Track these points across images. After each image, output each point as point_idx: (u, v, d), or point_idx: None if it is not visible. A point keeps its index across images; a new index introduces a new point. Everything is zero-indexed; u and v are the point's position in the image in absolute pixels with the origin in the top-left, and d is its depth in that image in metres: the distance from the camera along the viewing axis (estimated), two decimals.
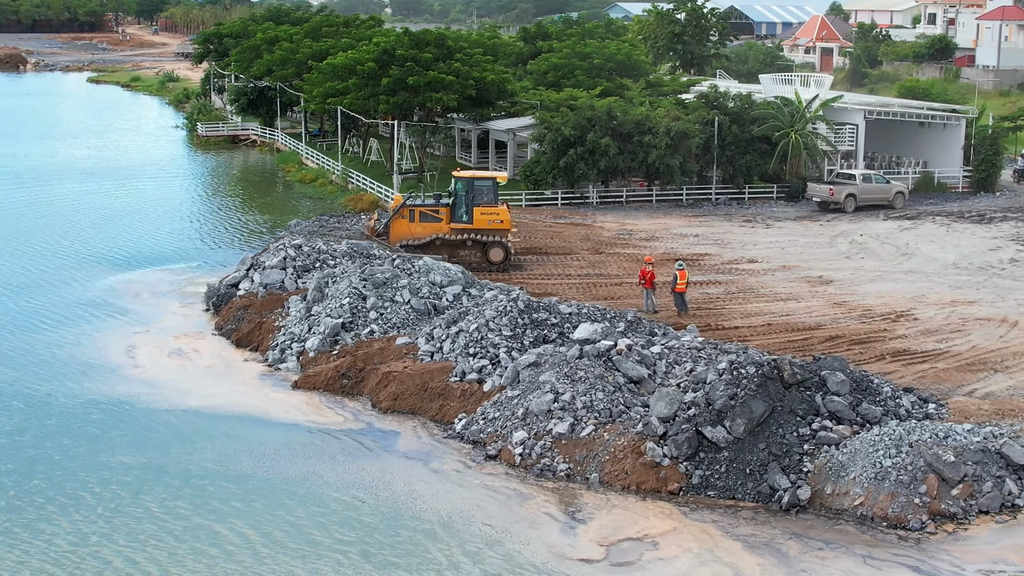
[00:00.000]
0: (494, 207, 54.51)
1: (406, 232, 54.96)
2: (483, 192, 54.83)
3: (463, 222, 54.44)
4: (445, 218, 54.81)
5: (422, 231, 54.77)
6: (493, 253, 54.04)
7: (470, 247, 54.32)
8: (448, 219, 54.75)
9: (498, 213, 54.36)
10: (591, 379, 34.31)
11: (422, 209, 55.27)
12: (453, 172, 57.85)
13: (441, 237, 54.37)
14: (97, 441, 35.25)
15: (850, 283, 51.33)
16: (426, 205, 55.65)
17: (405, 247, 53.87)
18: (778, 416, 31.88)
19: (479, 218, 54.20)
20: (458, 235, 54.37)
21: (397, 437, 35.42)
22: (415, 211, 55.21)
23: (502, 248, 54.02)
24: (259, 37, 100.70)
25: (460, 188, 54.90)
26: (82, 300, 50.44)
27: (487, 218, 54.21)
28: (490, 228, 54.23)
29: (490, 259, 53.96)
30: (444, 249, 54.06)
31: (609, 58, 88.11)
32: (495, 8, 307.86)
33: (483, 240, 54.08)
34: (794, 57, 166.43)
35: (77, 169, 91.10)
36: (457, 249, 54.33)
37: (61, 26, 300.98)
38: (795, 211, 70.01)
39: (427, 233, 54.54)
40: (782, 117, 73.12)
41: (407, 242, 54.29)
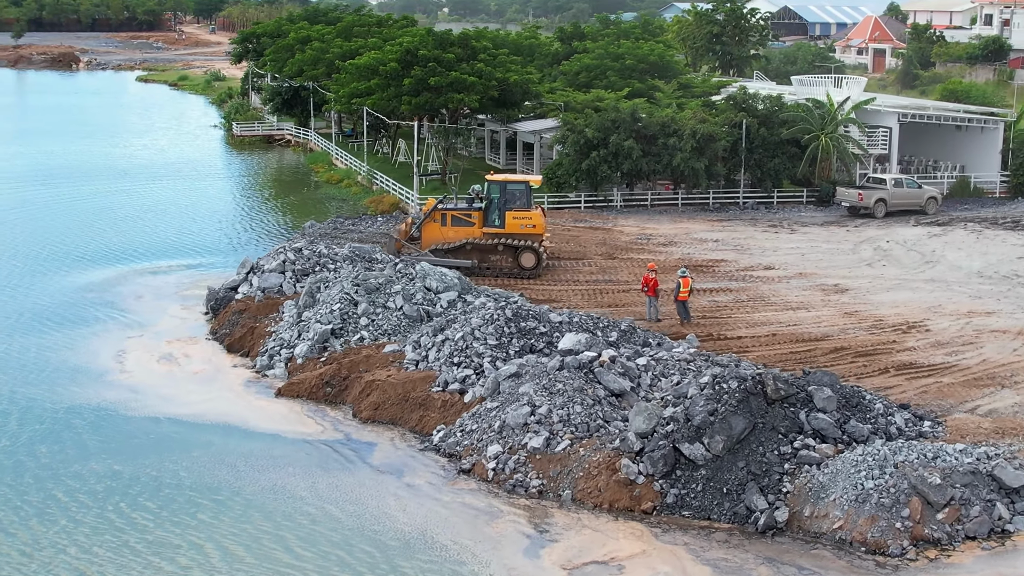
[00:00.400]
0: (527, 211, 53.21)
1: (438, 236, 53.71)
2: (516, 196, 53.54)
3: (495, 226, 53.16)
4: (478, 222, 53.57)
5: (454, 235, 53.49)
6: (524, 258, 52.68)
7: (501, 252, 53.03)
8: (481, 223, 53.53)
9: (531, 217, 53.03)
10: (569, 392, 33.18)
11: (454, 213, 54.04)
12: (486, 176, 56.59)
13: (472, 241, 53.08)
14: (71, 449, 34.58)
15: (866, 292, 49.77)
16: (459, 209, 54.41)
17: (435, 251, 52.72)
18: (759, 433, 30.59)
19: (511, 222, 52.91)
20: (490, 239, 53.03)
21: (373, 449, 34.47)
22: (447, 215, 53.99)
23: (533, 253, 52.62)
24: (292, 37, 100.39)
25: (493, 192, 53.62)
26: (83, 301, 49.96)
27: (520, 222, 52.89)
28: (523, 233, 52.89)
29: (521, 264, 52.63)
30: (475, 254, 52.96)
31: (641, 59, 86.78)
32: (551, 8, 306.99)
33: (515, 245, 52.77)
34: (846, 58, 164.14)
35: (111, 168, 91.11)
36: (488, 254, 53.13)
37: (120, 25, 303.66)
38: (823, 216, 68.40)
39: (459, 237, 53.28)
40: (812, 119, 71.53)
41: (439, 246, 53.06)
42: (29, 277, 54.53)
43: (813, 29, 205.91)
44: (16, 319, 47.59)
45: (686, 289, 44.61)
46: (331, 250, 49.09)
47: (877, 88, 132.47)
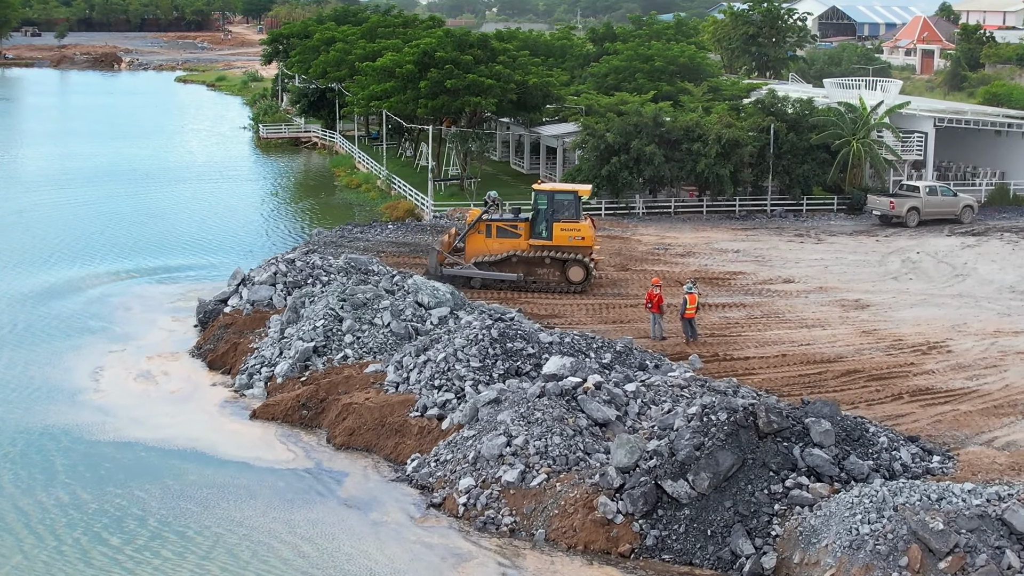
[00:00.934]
0: (576, 223, 50.57)
1: (482, 248, 51.19)
2: (564, 206, 50.85)
3: (542, 238, 50.67)
4: (524, 234, 51.08)
5: (499, 247, 50.97)
6: (573, 272, 50.14)
7: (548, 265, 50.52)
8: (527, 235, 51.11)
9: (579, 229, 50.37)
10: (548, 421, 30.91)
11: (500, 224, 51.53)
12: (533, 185, 53.86)
13: (518, 254, 50.57)
14: (36, 474, 32.65)
15: (888, 308, 47.17)
16: (504, 220, 51.90)
17: (479, 264, 50.47)
18: (748, 470, 28.22)
19: (559, 234, 50.32)
20: (536, 252, 50.54)
21: (344, 480, 32.28)
22: (492, 226, 51.46)
23: (582, 267, 50.09)
24: (316, 38, 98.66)
25: (540, 202, 51.16)
26: (70, 313, 48.25)
27: (568, 234, 50.29)
28: (571, 245, 50.33)
29: (569, 278, 50.14)
30: (521, 267, 50.51)
31: (671, 60, 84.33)
32: (601, 8, 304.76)
33: (562, 258, 50.30)
34: (893, 59, 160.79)
35: (134, 170, 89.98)
36: (535, 267, 50.62)
37: (169, 25, 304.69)
38: (853, 225, 65.74)
39: (504, 249, 50.77)
40: (844, 124, 68.79)
41: (483, 258, 50.68)
42: (19, 285, 52.89)
43: (861, 29, 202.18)
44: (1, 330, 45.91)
45: (692, 306, 42.25)
46: (325, 261, 47.04)
47: (924, 90, 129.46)
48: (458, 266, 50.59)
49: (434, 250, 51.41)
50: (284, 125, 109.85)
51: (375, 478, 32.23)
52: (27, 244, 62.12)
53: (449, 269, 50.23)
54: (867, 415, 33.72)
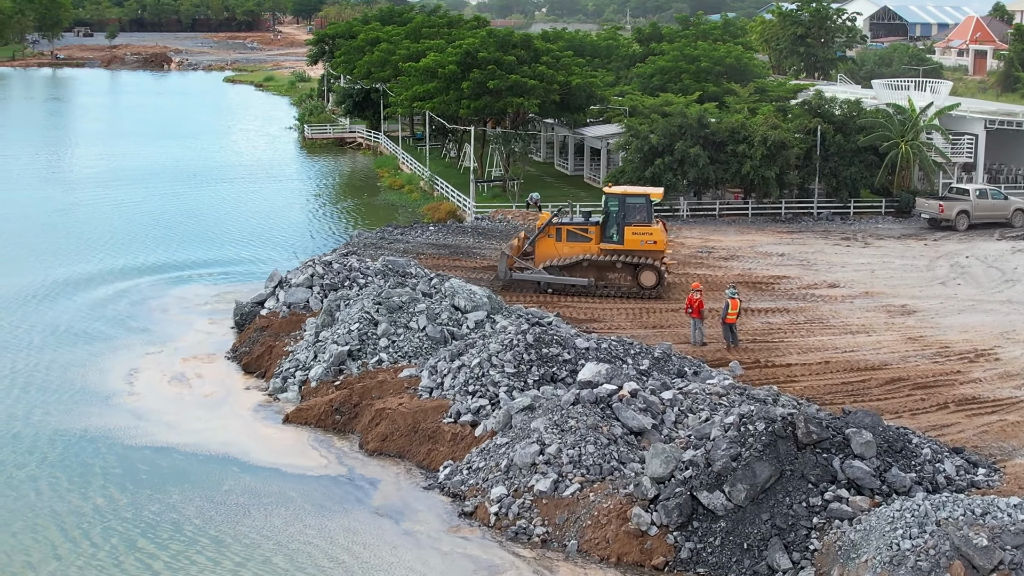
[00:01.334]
0: (647, 226, 49.86)
1: (552, 252, 50.45)
2: (636, 210, 50.15)
3: (613, 242, 49.93)
4: (595, 238, 50.38)
5: (569, 251, 50.27)
6: (644, 277, 49.32)
7: (620, 270, 49.76)
8: (598, 239, 50.40)
9: (651, 233, 49.62)
10: (583, 429, 30.27)
11: (570, 227, 50.82)
12: (604, 188, 53.03)
13: (588, 258, 49.79)
14: (55, 480, 32.34)
15: (935, 314, 46.19)
16: (574, 223, 51.15)
17: (549, 268, 49.74)
18: (787, 482, 27.47)
19: (630, 238, 49.60)
20: (607, 256, 49.77)
21: (376, 487, 31.71)
22: (563, 229, 50.78)
23: (655, 272, 49.30)
24: (361, 38, 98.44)
25: (612, 205, 50.40)
26: (108, 314, 48.17)
27: (639, 238, 49.56)
28: (642, 250, 49.59)
29: (641, 283, 49.34)
30: (591, 271, 49.71)
31: (717, 61, 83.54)
32: (650, 8, 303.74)
33: (634, 262, 49.54)
34: (945, 60, 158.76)
35: (180, 170, 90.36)
36: (606, 271, 49.84)
37: (219, 25, 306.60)
38: (901, 228, 64.67)
39: (574, 253, 50.07)
40: (892, 125, 67.70)
41: (553, 263, 49.93)
42: (59, 285, 52.89)
43: (913, 30, 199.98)
44: (36, 332, 45.80)
45: (734, 311, 41.48)
46: (363, 263, 46.62)
47: (976, 91, 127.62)
48: (528, 271, 49.92)
49: (504, 255, 50.54)
50: (329, 125, 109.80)
51: (407, 486, 31.65)
52: (68, 243, 62.32)
53: (519, 274, 49.60)
54: (911, 425, 32.93)
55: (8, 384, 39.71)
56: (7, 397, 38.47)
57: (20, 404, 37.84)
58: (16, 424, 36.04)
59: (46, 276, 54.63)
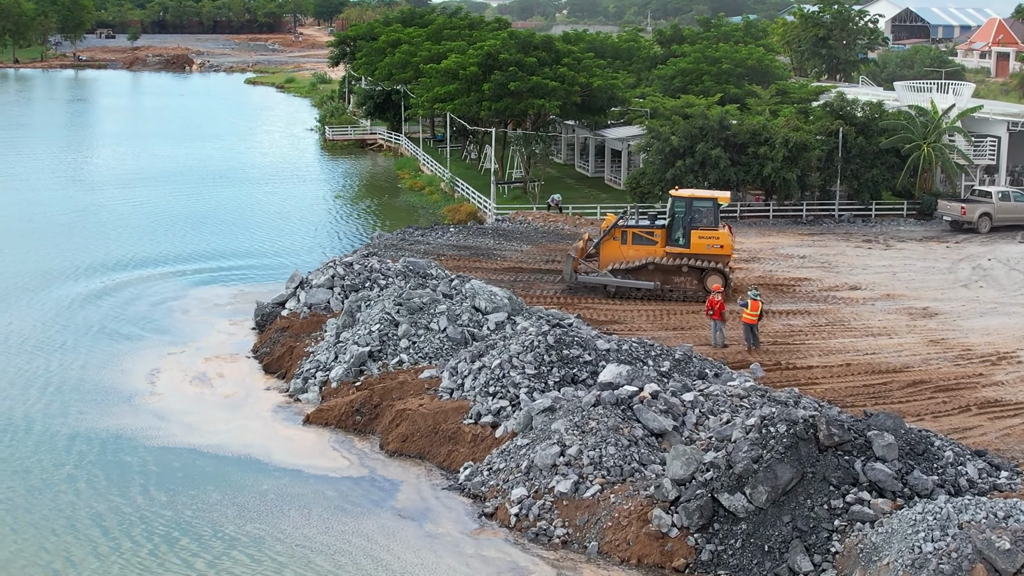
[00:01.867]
0: (714, 230, 49.70)
1: (617, 255, 50.22)
2: (703, 213, 49.97)
3: (679, 246, 49.66)
4: (660, 241, 50.17)
5: (634, 254, 50.01)
6: (711, 281, 48.99)
7: (686, 273, 49.57)
8: (663, 242, 50.18)
9: (718, 237, 49.45)
10: (603, 431, 30.23)
11: (636, 230, 50.62)
12: (670, 191, 52.81)
13: (654, 261, 49.55)
14: (75, 481, 32.27)
15: (957, 316, 46.02)
16: (640, 226, 51.01)
17: (614, 271, 49.51)
18: (808, 484, 27.38)
19: (697, 242, 49.37)
20: (673, 260, 49.56)
21: (397, 489, 31.61)
22: (628, 232, 50.53)
23: (722, 276, 49.15)
24: (382, 40, 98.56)
25: (678, 208, 50.15)
26: (130, 314, 48.33)
27: (706, 242, 49.36)
28: (709, 254, 49.39)
29: (707, 287, 48.81)
30: (657, 275, 49.45)
31: (739, 63, 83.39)
32: (671, 10, 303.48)
33: (701, 266, 49.37)
34: (967, 62, 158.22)
35: (202, 171, 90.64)
36: (671, 275, 49.59)
37: (241, 27, 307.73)
38: (923, 230, 64.47)
39: (639, 256, 49.81)
40: (914, 128, 67.48)
41: (617, 266, 49.67)
42: (80, 286, 53.12)
43: (935, 32, 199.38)
44: (58, 332, 46.02)
45: (754, 312, 41.36)
46: (383, 264, 46.69)
47: (999, 93, 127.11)
48: (593, 273, 49.74)
49: (569, 257, 50.26)
50: (350, 127, 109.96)
51: (427, 488, 31.61)
52: (91, 243, 62.57)
53: (584, 276, 49.41)
54: (933, 428, 32.79)
55: (43, 384, 39.94)
56: (43, 397, 38.65)
57: (55, 404, 37.93)
58: (52, 424, 36.12)
59: (70, 276, 54.93)
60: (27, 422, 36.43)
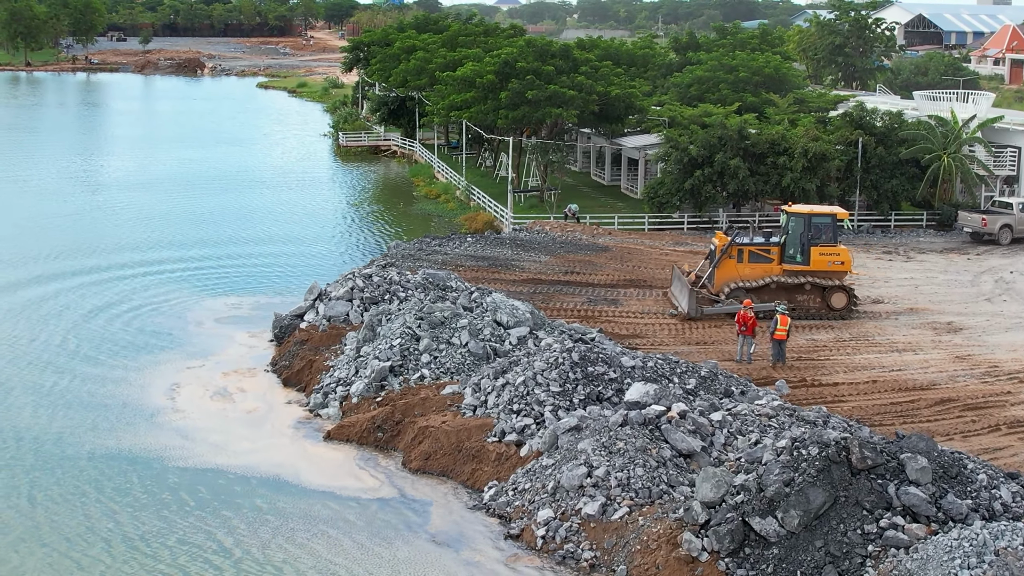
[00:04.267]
0: (834, 247, 48.85)
1: (733, 274, 49.32)
2: (822, 230, 49.12)
3: (797, 263, 48.85)
4: (776, 258, 49.30)
5: (751, 273, 49.14)
6: (835, 299, 48.40)
7: (808, 291, 48.75)
8: (779, 259, 49.32)
9: (838, 254, 48.66)
10: (631, 452, 29.82)
11: (751, 248, 49.64)
12: (784, 206, 51.75)
13: (776, 280, 48.71)
14: (117, 503, 31.46)
15: (982, 331, 45.55)
16: (755, 244, 50.00)
17: (733, 292, 48.52)
18: (841, 508, 26.93)
19: (817, 259, 48.53)
20: (794, 278, 48.73)
21: (429, 511, 30.85)
22: (744, 250, 49.58)
23: (845, 293, 48.44)
24: (397, 46, 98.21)
25: (794, 225, 49.28)
26: (145, 327, 47.87)
27: (826, 259, 48.52)
28: (829, 271, 48.61)
29: (831, 305, 48.38)
30: (780, 294, 48.52)
31: (756, 71, 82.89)
32: (682, 15, 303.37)
33: (822, 284, 48.56)
34: (981, 69, 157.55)
35: (215, 177, 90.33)
36: (794, 293, 48.68)
37: (252, 30, 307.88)
38: (943, 242, 63.97)
39: (756, 276, 48.93)
40: (934, 138, 66.99)
41: (736, 285, 48.74)
42: (96, 295, 52.78)
43: (948, 38, 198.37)
44: (74, 345, 45.46)
45: (784, 328, 40.91)
46: (403, 276, 46.28)
47: (1013, 100, 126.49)
48: (719, 303, 48.20)
49: (690, 291, 48.13)
50: (364, 133, 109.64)
51: (457, 508, 30.93)
52: (104, 251, 62.15)
53: (710, 308, 47.88)
54: (962, 448, 32.42)
55: (60, 400, 39.23)
56: (61, 415, 37.92)
57: (74, 422, 37.20)
58: (72, 444, 35.36)
59: (82, 285, 54.54)
60: (44, 442, 35.67)
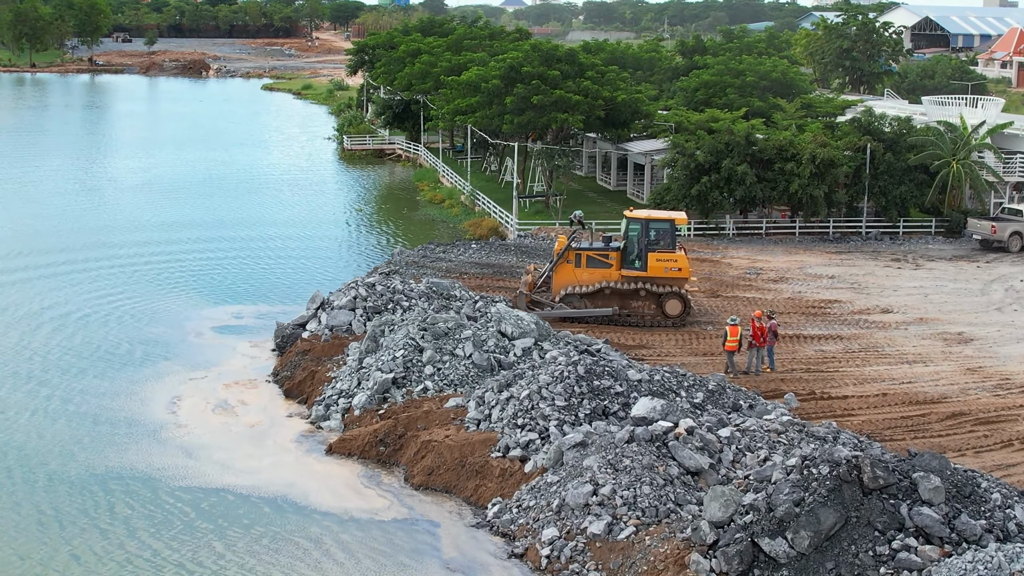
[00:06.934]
0: (672, 253, 48.07)
1: (571, 279, 48.56)
2: (660, 236, 48.38)
3: (635, 269, 48.03)
4: (615, 264, 48.56)
5: (588, 278, 48.38)
6: (670, 306, 47.62)
7: (644, 298, 48.02)
8: (618, 265, 48.61)
9: (676, 260, 47.80)
10: (638, 469, 29.24)
11: (590, 253, 48.87)
12: (625, 212, 51.10)
13: (610, 285, 48.06)
14: (129, 526, 30.66)
15: (993, 342, 44.95)
16: (594, 249, 49.13)
17: (567, 297, 47.94)
18: (852, 529, 26.35)
19: (654, 265, 47.69)
20: (630, 284, 47.99)
21: (437, 532, 30.10)
22: (582, 255, 48.85)
23: (680, 300, 47.64)
24: (402, 49, 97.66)
25: (633, 231, 48.60)
26: (145, 337, 47.23)
27: (664, 265, 47.69)
28: (667, 277, 47.80)
29: (666, 312, 47.63)
30: (614, 300, 47.96)
31: (763, 75, 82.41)
32: (688, 16, 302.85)
33: (658, 291, 47.91)
34: (988, 72, 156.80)
35: (218, 181, 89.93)
36: (629, 300, 48.06)
37: (257, 31, 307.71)
38: (952, 249, 63.34)
39: (594, 280, 48.19)
40: (943, 144, 66.38)
41: (571, 290, 48.10)
42: (93, 304, 52.16)
43: (955, 41, 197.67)
44: (74, 357, 44.71)
45: (734, 338, 40.39)
46: (406, 285, 45.73)
47: (1021, 104, 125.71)
48: (547, 308, 47.71)
49: (521, 294, 48.15)
50: (368, 136, 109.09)
51: (463, 529, 30.23)
52: (102, 256, 61.57)
53: (540, 311, 47.25)
54: (975, 464, 31.85)
55: (60, 415, 38.49)
56: (61, 430, 37.15)
57: (74, 438, 36.43)
58: (70, 465, 34.50)
59: (81, 293, 54.04)
60: (62, 461, 34.81)
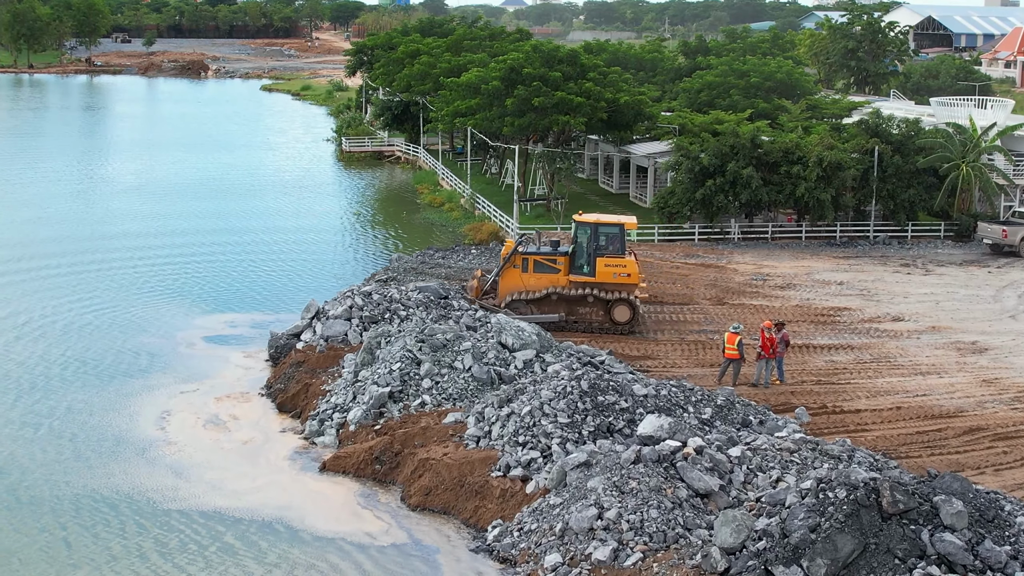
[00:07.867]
0: (620, 258, 46.50)
1: (517, 284, 47.06)
2: (608, 240, 46.88)
3: (583, 274, 46.57)
4: (563, 269, 47.07)
5: (535, 283, 46.85)
6: (618, 312, 46.21)
7: (591, 304, 46.66)
8: (566, 270, 47.08)
9: (625, 265, 46.23)
10: (644, 492, 27.89)
11: (537, 258, 47.27)
12: (574, 216, 49.41)
13: (558, 291, 46.65)
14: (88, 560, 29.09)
15: (1008, 352, 43.64)
16: (541, 253, 47.53)
17: (513, 303, 46.37)
18: (871, 557, 25.04)
19: (603, 270, 46.19)
20: (577, 289, 46.61)
21: (437, 561, 28.72)
22: (529, 260, 47.29)
23: (629, 307, 46.18)
24: (401, 50, 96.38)
25: (581, 235, 47.09)
26: (134, 347, 45.90)
27: (612, 270, 46.19)
28: (615, 283, 46.34)
29: (614, 319, 46.24)
30: (561, 306, 46.63)
31: (768, 76, 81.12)
32: (689, 16, 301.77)
33: (606, 297, 46.51)
34: (992, 72, 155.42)
35: (214, 184, 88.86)
36: (576, 306, 46.67)
37: (257, 32, 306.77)
38: (962, 254, 62.04)
39: (541, 286, 46.70)
40: (952, 146, 65.08)
41: (518, 295, 46.67)
42: (81, 312, 50.89)
43: (959, 40, 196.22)
44: (58, 368, 43.32)
45: (732, 345, 39.02)
46: (404, 295, 44.41)
47: None
48: (492, 310, 45.92)
49: (462, 295, 46.91)
50: (367, 138, 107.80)
51: (464, 553, 29.00)
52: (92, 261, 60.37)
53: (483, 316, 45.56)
54: (994, 483, 30.65)
55: (40, 431, 37.09)
56: (41, 448, 35.76)
57: (55, 457, 35.03)
58: (54, 485, 33.10)
59: (67, 300, 52.80)
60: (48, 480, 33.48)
